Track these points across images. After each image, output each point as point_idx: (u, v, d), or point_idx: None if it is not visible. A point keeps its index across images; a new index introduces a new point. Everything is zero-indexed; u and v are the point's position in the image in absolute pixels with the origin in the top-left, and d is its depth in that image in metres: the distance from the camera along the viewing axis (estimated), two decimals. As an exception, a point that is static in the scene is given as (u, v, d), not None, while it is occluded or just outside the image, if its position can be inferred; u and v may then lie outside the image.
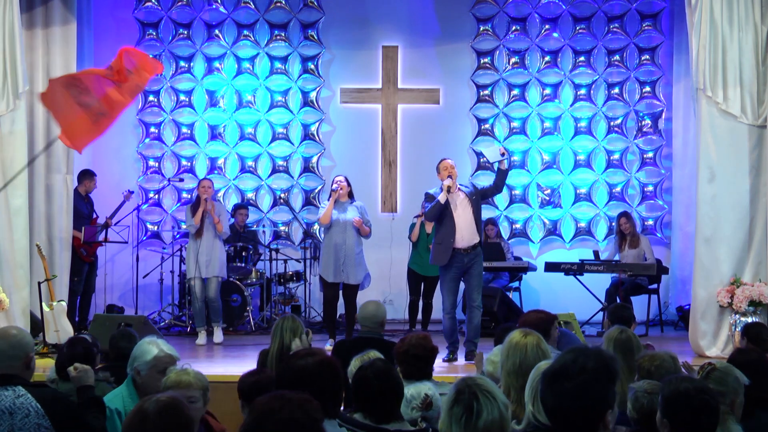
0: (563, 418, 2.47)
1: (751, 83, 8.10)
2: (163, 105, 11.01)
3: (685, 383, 3.01)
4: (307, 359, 3.27)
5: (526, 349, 3.78)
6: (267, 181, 11.09)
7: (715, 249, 8.11)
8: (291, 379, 3.21)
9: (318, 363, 3.26)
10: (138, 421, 2.58)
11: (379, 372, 3.51)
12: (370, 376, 3.50)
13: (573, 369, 2.47)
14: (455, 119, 11.12)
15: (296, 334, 5.16)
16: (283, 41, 11.01)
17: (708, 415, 2.94)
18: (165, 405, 2.60)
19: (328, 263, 8.49)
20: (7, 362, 3.70)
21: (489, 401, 2.58)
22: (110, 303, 10.52)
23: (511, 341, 3.85)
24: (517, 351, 3.79)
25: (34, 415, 3.58)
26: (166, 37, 10.96)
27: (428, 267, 8.89)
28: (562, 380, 2.47)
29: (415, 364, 4.21)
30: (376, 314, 5.57)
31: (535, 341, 3.84)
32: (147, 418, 2.57)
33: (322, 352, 3.43)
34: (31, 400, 3.61)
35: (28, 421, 3.57)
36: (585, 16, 10.96)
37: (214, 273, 8.95)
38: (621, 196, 11.01)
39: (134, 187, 10.68)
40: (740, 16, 8.11)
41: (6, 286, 7.94)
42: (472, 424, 2.56)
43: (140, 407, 2.61)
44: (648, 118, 11.02)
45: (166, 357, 4.01)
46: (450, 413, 2.60)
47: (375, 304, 5.66)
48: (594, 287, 9.74)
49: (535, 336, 3.89)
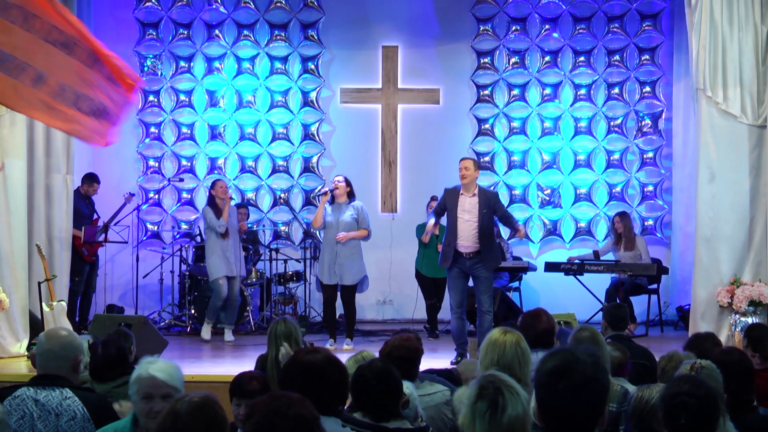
0: (563, 417, 2.45)
1: (751, 83, 8.10)
2: (163, 105, 11.01)
3: (685, 385, 3.00)
4: (314, 355, 3.28)
5: (504, 346, 3.90)
6: (267, 181, 11.09)
7: (715, 249, 8.11)
8: (299, 374, 3.21)
9: (325, 358, 3.27)
10: (170, 421, 2.55)
11: (378, 371, 3.53)
12: (369, 375, 3.52)
13: (575, 367, 2.45)
14: (455, 119, 11.12)
15: (289, 339, 5.15)
16: (283, 41, 11.01)
17: (691, 414, 2.93)
18: (197, 405, 2.56)
19: (323, 264, 8.55)
20: (56, 363, 3.67)
21: (513, 396, 2.55)
22: (110, 303, 10.52)
23: (491, 338, 3.96)
24: (496, 348, 3.91)
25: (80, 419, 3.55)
26: (166, 37, 10.96)
27: (438, 269, 8.79)
28: (563, 379, 2.44)
29: (399, 365, 4.21)
30: None
31: (515, 339, 3.95)
32: (179, 418, 2.54)
33: (326, 350, 3.44)
34: (78, 403, 3.58)
35: (73, 423, 3.54)
36: (585, 16, 10.96)
37: (241, 272, 9.25)
38: (621, 196, 11.00)
39: (134, 187, 10.68)
40: (740, 16, 8.11)
41: (6, 286, 7.93)
42: (497, 419, 2.52)
43: (172, 408, 2.58)
44: (648, 118, 11.01)
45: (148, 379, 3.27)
46: (473, 408, 2.55)
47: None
48: (594, 287, 9.74)
49: (515, 334, 3.99)
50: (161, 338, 8.01)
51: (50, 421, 3.52)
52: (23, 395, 3.55)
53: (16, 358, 7.87)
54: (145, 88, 10.95)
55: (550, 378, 2.47)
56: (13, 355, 7.91)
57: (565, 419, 2.45)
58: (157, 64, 10.95)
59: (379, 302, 10.72)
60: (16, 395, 3.54)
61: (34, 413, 3.52)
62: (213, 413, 2.58)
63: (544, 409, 2.50)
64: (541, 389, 2.51)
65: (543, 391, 2.50)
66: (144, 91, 10.95)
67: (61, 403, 3.56)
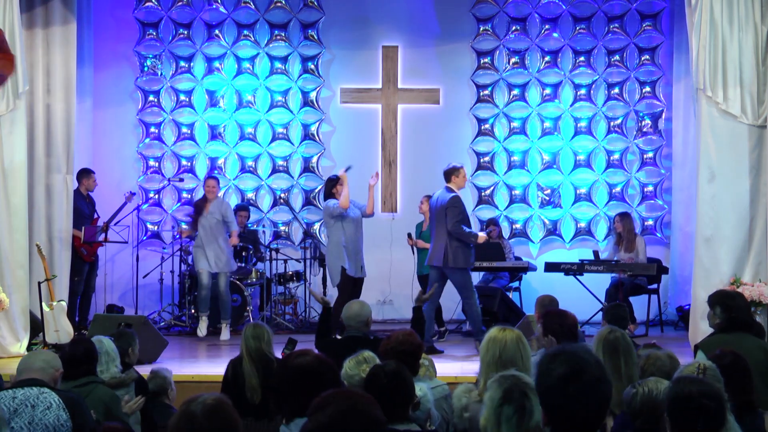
0: (574, 419, 2.40)
1: (751, 83, 8.09)
2: (163, 105, 11.01)
3: (690, 386, 2.99)
4: (305, 358, 3.27)
5: (505, 342, 3.98)
6: (267, 181, 11.09)
7: (715, 249, 8.10)
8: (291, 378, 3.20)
9: (316, 360, 3.26)
10: (185, 422, 2.55)
11: (391, 372, 3.53)
12: (381, 375, 3.52)
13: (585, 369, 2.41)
14: (455, 119, 11.12)
15: (261, 341, 5.21)
16: (283, 41, 11.01)
17: (710, 418, 2.91)
18: (212, 406, 2.57)
19: (352, 259, 8.76)
20: (36, 374, 3.91)
21: (536, 400, 2.52)
22: (110, 303, 10.52)
23: (490, 336, 4.03)
24: (496, 344, 3.98)
25: (55, 408, 3.72)
26: (166, 37, 10.96)
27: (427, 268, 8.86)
28: (574, 382, 2.40)
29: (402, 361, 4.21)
30: (361, 313, 5.57)
31: (515, 336, 4.02)
32: (195, 419, 2.54)
33: (312, 351, 3.42)
34: (53, 395, 3.76)
35: (48, 412, 3.70)
36: (585, 16, 10.96)
37: (225, 268, 9.36)
38: (621, 196, 11.00)
39: (134, 187, 10.68)
40: (740, 16, 8.11)
41: (6, 286, 7.94)
42: (525, 424, 2.50)
43: (187, 409, 2.58)
44: (648, 118, 11.01)
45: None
46: (498, 412, 2.52)
47: (359, 304, 5.67)
48: (594, 287, 9.74)
49: (514, 331, 4.05)
50: (161, 338, 8.02)
51: (26, 412, 3.69)
52: (2, 395, 3.75)
53: (16, 358, 7.85)
54: (145, 88, 10.96)
55: (560, 382, 2.41)
56: (13, 355, 7.92)
57: (576, 421, 2.41)
58: (157, 64, 10.95)
59: (379, 302, 10.70)
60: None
61: (11, 408, 3.70)
62: (227, 415, 2.59)
63: (555, 412, 2.43)
64: (549, 393, 2.44)
65: (553, 396, 2.43)
66: (144, 90, 10.95)
67: (38, 396, 3.76)
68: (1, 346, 7.93)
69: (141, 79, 10.90)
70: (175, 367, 6.14)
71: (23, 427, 3.64)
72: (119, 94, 11.01)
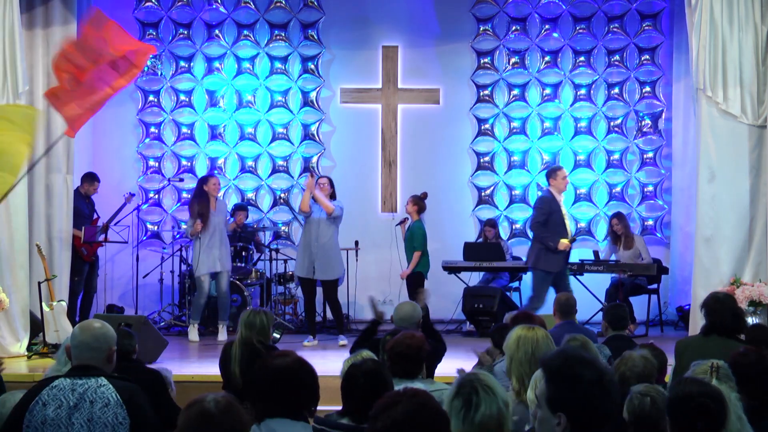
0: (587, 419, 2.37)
1: (751, 83, 8.10)
2: (163, 105, 11.01)
3: (690, 386, 2.99)
4: (284, 359, 3.25)
5: (537, 340, 3.97)
6: (267, 181, 11.09)
7: (715, 249, 8.11)
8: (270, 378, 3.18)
9: (295, 362, 3.24)
10: (201, 420, 2.55)
11: (368, 371, 3.52)
12: (358, 374, 3.52)
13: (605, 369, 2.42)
14: (455, 119, 11.12)
15: (252, 330, 5.31)
16: (283, 41, 11.01)
17: (710, 418, 2.91)
18: (227, 404, 2.58)
19: (300, 259, 8.83)
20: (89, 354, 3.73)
21: (488, 396, 2.57)
22: (110, 303, 10.52)
23: (519, 335, 4.01)
24: (528, 342, 3.97)
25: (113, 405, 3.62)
26: (166, 37, 10.96)
27: None
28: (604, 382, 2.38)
29: (400, 362, 4.19)
30: (413, 315, 5.56)
31: (544, 334, 4.04)
32: (212, 418, 2.54)
33: (293, 353, 3.40)
34: (111, 390, 3.64)
35: (107, 410, 3.60)
36: (585, 16, 10.97)
37: (227, 267, 9.26)
38: (621, 196, 11.01)
39: (134, 187, 10.68)
40: (740, 16, 8.11)
41: (6, 286, 7.94)
42: (470, 417, 2.55)
43: (201, 408, 2.58)
44: (648, 118, 11.01)
45: None
46: (450, 406, 2.60)
47: (411, 305, 5.64)
48: (594, 287, 9.74)
49: (541, 329, 4.07)
50: (161, 338, 8.02)
51: (85, 408, 3.59)
52: (60, 385, 3.63)
53: (16, 358, 7.87)
54: (145, 88, 10.96)
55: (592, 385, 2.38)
56: (13, 355, 7.91)
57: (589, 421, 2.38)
58: (157, 64, 10.95)
59: (379, 302, 10.69)
60: (53, 386, 3.62)
61: (71, 402, 3.59)
62: (240, 413, 2.61)
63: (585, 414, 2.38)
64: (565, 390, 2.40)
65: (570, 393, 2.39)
66: (144, 90, 10.95)
67: (96, 390, 3.63)
68: (1, 346, 7.92)
69: (141, 79, 10.90)
70: (175, 367, 6.14)
71: (83, 425, 3.56)
72: (119, 94, 10.98)
